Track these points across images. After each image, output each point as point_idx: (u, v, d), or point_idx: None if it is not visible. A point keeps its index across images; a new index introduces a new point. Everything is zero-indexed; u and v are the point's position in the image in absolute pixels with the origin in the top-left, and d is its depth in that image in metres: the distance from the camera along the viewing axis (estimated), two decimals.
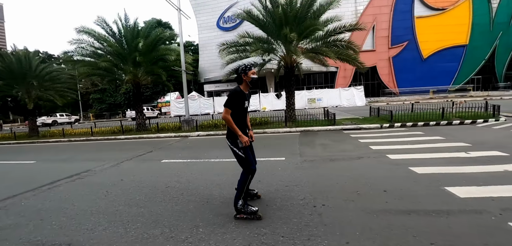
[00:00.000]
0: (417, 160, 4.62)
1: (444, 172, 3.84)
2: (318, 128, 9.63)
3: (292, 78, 11.20)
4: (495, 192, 2.97)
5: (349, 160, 5.00)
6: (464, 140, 6.00)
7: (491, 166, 3.95)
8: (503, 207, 2.60)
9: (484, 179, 3.44)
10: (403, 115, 10.12)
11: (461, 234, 2.18)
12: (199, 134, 11.07)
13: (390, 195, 3.12)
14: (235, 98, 2.66)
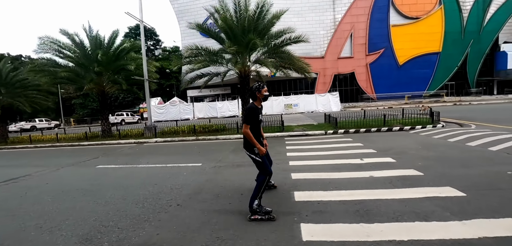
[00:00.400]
0: (310, 166, 5.11)
1: (315, 177, 4.33)
2: (267, 135, 10.09)
3: (247, 87, 11.67)
4: (335, 196, 3.45)
5: (253, 165, 5.47)
6: (377, 147, 6.54)
7: (363, 172, 4.44)
8: (315, 210, 3.07)
9: (341, 184, 3.91)
10: (348, 122, 10.70)
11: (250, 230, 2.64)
12: (157, 140, 11.41)
13: (243, 197, 3.58)
14: (252, 114, 3.00)
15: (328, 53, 33.13)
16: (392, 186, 3.65)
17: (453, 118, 11.96)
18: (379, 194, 3.34)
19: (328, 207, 3.10)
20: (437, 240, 2.22)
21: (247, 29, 10.25)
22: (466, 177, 3.77)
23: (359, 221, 2.68)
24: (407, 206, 2.94)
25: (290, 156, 6.22)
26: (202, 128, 12.04)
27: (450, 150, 5.69)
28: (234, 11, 10.76)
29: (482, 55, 32.70)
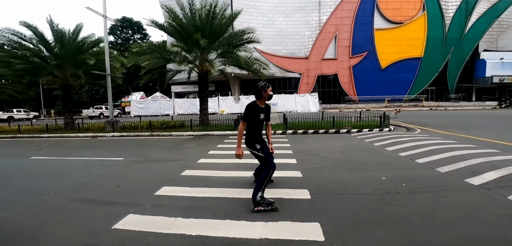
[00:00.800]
0: (214, 164, 5.28)
1: (203, 175, 4.50)
2: (218, 133, 10.25)
3: (204, 85, 11.77)
4: (191, 193, 3.62)
5: (164, 162, 5.62)
6: (299, 148, 6.70)
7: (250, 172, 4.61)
8: (157, 204, 3.23)
9: (214, 182, 4.10)
10: (301, 123, 10.90)
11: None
12: (113, 135, 11.46)
13: (120, 189, 3.76)
14: (249, 112, 3.06)
15: (312, 54, 33.35)
16: (246, 184, 3.81)
17: (411, 123, 12.24)
18: (233, 193, 3.52)
19: (172, 201, 3.28)
20: (224, 238, 2.38)
21: (200, 28, 10.28)
22: (334, 181, 3.96)
23: (179, 214, 2.87)
24: (239, 205, 3.11)
25: (211, 153, 6.38)
26: (160, 124, 12.11)
27: (362, 153, 5.90)
28: (189, 10, 10.79)
29: (462, 62, 33.32)
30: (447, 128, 10.15)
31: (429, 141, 6.74)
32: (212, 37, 10.45)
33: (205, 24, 10.35)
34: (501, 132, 8.48)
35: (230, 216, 2.83)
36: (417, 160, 4.91)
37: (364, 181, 3.84)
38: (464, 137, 7.64)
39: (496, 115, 16.22)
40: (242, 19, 33.06)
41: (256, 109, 3.09)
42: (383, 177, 3.94)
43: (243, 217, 2.81)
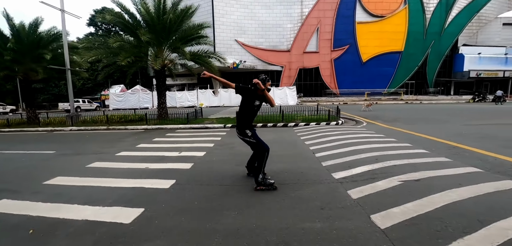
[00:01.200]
0: (124, 157, 5.44)
1: (105, 166, 4.67)
2: (170, 126, 10.37)
3: (161, 79, 11.79)
4: (75, 182, 3.81)
5: (88, 154, 5.78)
6: (225, 142, 6.89)
7: (144, 164, 4.81)
8: (36, 191, 3.41)
9: (103, 172, 4.28)
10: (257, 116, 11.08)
11: None
12: (72, 129, 11.48)
13: (15, 178, 3.98)
14: (244, 89, 3.16)
15: (294, 47, 33.36)
16: (133, 175, 4.02)
17: (371, 117, 12.53)
18: (118, 183, 3.77)
19: (52, 189, 3.58)
20: (74, 220, 2.58)
21: (151, 24, 10.18)
22: (212, 172, 4.16)
23: (49, 200, 3.11)
24: (115, 194, 3.31)
25: (138, 147, 6.55)
26: (119, 118, 12.16)
27: (277, 145, 6.13)
28: (140, 5, 10.66)
29: (442, 56, 33.86)
30: (396, 121, 10.47)
31: (353, 135, 7.03)
32: (163, 33, 10.42)
33: (156, 19, 10.30)
34: (441, 126, 8.85)
35: (95, 203, 3.06)
36: (317, 154, 5.16)
37: (238, 173, 4.08)
38: (400, 130, 7.95)
39: (461, 109, 16.71)
40: (223, 11, 32.94)
41: (252, 92, 3.15)
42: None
43: (104, 203, 3.06)
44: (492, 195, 2.72)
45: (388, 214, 2.46)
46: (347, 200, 2.87)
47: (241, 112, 3.23)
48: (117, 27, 39.44)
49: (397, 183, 3.20)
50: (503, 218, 2.22)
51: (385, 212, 2.50)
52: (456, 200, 2.64)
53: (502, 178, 3.39)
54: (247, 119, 3.24)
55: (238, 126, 3.29)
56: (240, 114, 3.26)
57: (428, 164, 4.07)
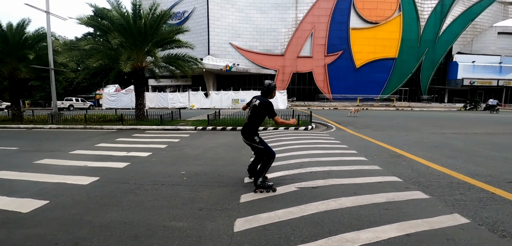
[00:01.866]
0: (76, 155, 5.63)
1: (52, 163, 4.86)
2: (144, 127, 10.56)
3: (139, 81, 12.02)
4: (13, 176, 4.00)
5: (45, 151, 5.99)
6: (184, 144, 7.06)
7: (80, 162, 4.99)
8: None
9: (46, 168, 4.46)
10: (228, 120, 11.26)
11: None
12: (51, 127, 11.74)
13: None
14: (272, 107, 3.31)
15: (288, 51, 33.58)
16: (66, 172, 4.20)
17: (346, 123, 12.62)
18: (53, 179, 3.94)
19: None
20: None
21: (127, 28, 10.41)
22: (142, 173, 4.32)
23: None
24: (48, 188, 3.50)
25: (97, 146, 6.74)
26: (98, 118, 12.40)
27: (221, 149, 6.27)
28: (115, 10, 10.88)
29: (436, 64, 33.81)
30: (367, 128, 10.54)
31: (308, 141, 7.15)
32: (139, 36, 10.66)
33: (132, 23, 10.54)
34: (407, 133, 8.92)
35: (12, 195, 3.27)
36: (249, 158, 5.31)
37: (162, 174, 4.24)
38: (361, 137, 8.04)
39: (446, 117, 16.70)
40: (218, 14, 33.37)
41: (269, 105, 3.29)
42: (183, 172, 4.33)
43: (20, 195, 3.26)
44: (377, 206, 2.78)
45: (254, 218, 2.58)
46: (232, 203, 3.01)
47: (254, 122, 3.31)
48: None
49: (294, 189, 3.32)
50: (356, 230, 2.26)
51: (253, 216, 2.63)
52: (332, 208, 2.72)
53: (413, 188, 3.44)
54: (257, 127, 3.37)
55: (247, 133, 3.36)
56: (252, 124, 3.33)
57: (350, 172, 4.17)
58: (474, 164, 4.92)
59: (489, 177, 4.06)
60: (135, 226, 2.51)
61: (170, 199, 3.16)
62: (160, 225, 2.52)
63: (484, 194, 3.31)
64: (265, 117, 3.33)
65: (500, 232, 2.30)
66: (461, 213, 2.64)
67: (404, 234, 2.15)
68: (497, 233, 2.28)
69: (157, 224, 2.55)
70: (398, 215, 2.56)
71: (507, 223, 2.47)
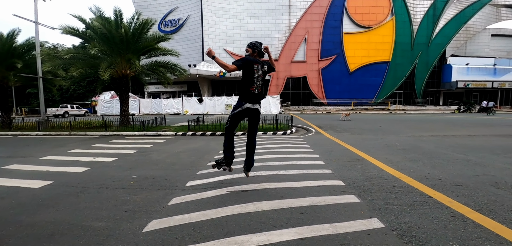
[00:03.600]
0: (44, 160, 5.73)
1: (18, 168, 4.96)
2: (126, 133, 10.68)
3: (123, 87, 12.18)
4: None
5: (13, 158, 6.07)
6: (154, 149, 7.14)
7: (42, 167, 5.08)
8: None
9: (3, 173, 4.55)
10: (209, 125, 11.34)
11: None
12: (37, 134, 11.90)
13: None
14: (243, 60, 3.24)
15: (282, 57, 33.83)
16: (26, 176, 4.28)
17: (320, 126, 12.66)
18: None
19: None
20: None
21: (110, 37, 10.63)
22: (100, 176, 4.42)
23: None
24: None
25: (70, 152, 6.84)
26: (84, 124, 12.55)
27: (185, 154, 6.31)
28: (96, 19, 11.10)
29: (430, 67, 33.88)
30: (345, 132, 10.55)
31: (278, 145, 7.20)
32: (121, 45, 10.84)
33: (115, 32, 10.72)
34: (383, 136, 8.92)
35: None
36: (212, 162, 5.37)
37: (114, 178, 4.33)
38: (334, 141, 8.08)
39: (433, 120, 16.63)
40: (212, 21, 33.77)
41: (249, 61, 3.24)
42: (134, 176, 4.40)
43: None
44: (295, 210, 2.76)
45: (167, 220, 2.65)
46: (158, 206, 3.08)
47: (243, 83, 3.33)
48: None
49: (224, 193, 3.37)
50: (252, 233, 2.30)
51: (167, 218, 2.70)
52: (246, 212, 2.74)
53: (349, 192, 3.42)
54: (243, 90, 3.34)
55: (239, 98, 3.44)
56: (241, 84, 3.37)
57: (295, 176, 4.13)
58: (431, 167, 4.90)
59: (437, 181, 4.01)
60: (57, 225, 2.61)
61: (104, 201, 3.24)
62: (80, 225, 2.61)
63: (420, 198, 3.26)
64: (252, 73, 3.30)
65: (409, 238, 2.27)
66: (381, 218, 2.62)
67: (299, 238, 2.18)
68: (405, 238, 2.25)
69: (78, 223, 2.64)
70: (308, 219, 2.58)
71: (423, 228, 2.42)
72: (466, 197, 3.25)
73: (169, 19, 35.03)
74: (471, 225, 2.51)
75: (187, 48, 34.54)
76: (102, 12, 10.85)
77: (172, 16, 34.83)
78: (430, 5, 32.86)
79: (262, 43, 3.56)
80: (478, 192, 3.42)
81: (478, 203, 3.03)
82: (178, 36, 35.18)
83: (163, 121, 13.26)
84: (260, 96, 3.45)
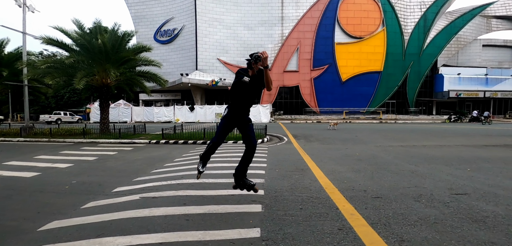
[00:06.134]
0: (4, 165, 5.92)
1: None
2: (103, 141, 10.87)
3: (103, 96, 12.45)
4: None
5: None
6: (115, 157, 7.31)
7: None
8: None
9: None
10: (178, 134, 11.53)
11: None
12: (19, 140, 12.16)
13: None
14: (236, 82, 2.85)
15: (274, 66, 34.25)
16: None
17: (295, 135, 12.78)
18: None
19: None
20: None
21: (90, 48, 11.00)
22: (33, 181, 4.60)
23: None
24: None
25: (35, 158, 7.02)
26: (65, 131, 12.79)
27: (105, 161, 6.50)
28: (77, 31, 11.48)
29: (421, 77, 34.07)
30: (320, 141, 10.68)
31: (233, 154, 7.32)
32: (101, 55, 11.19)
33: (94, 42, 11.08)
34: (352, 146, 9.03)
35: None
36: (156, 169, 5.51)
37: (55, 183, 4.52)
38: (297, 150, 8.21)
39: (420, 129, 16.62)
40: (206, 32, 34.44)
41: (241, 80, 2.83)
42: (74, 181, 4.59)
43: None
44: (176, 217, 2.88)
45: (66, 221, 2.81)
46: (72, 208, 3.25)
47: (233, 96, 2.97)
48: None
49: (136, 198, 3.51)
50: (114, 236, 2.45)
51: (68, 219, 2.86)
52: (137, 216, 2.86)
53: (258, 202, 3.37)
54: (234, 102, 2.95)
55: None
56: (232, 98, 3.00)
57: (216, 184, 4.23)
58: (369, 178, 4.84)
59: (361, 192, 3.93)
60: None
61: (29, 204, 3.47)
62: None
63: (324, 209, 3.22)
64: (245, 89, 2.90)
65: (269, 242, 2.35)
66: (265, 229, 2.61)
67: (158, 242, 2.31)
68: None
69: None
70: (190, 225, 2.64)
71: (298, 240, 2.38)
72: (373, 210, 3.21)
73: (164, 29, 35.83)
74: (350, 238, 2.48)
75: (182, 57, 35.19)
76: (82, 24, 11.27)
77: (168, 26, 35.62)
78: (421, 16, 33.36)
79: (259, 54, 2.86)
80: (391, 205, 3.35)
81: (379, 217, 2.98)
82: (173, 45, 35.97)
83: (143, 129, 13.46)
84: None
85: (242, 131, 3.11)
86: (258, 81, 2.92)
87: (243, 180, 3.13)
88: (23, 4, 13.23)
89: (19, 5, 12.97)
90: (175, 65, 34.95)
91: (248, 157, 3.09)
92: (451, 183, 4.46)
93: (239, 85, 2.87)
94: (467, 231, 2.62)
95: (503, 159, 6.73)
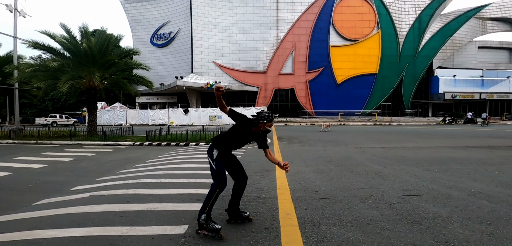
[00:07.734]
0: None
1: None
2: (88, 142, 11.01)
3: (90, 99, 12.63)
4: None
5: None
6: (93, 158, 7.44)
7: None
8: None
9: None
10: (162, 136, 11.64)
11: None
12: (7, 142, 12.34)
13: None
14: (242, 118, 2.65)
15: (270, 69, 34.43)
16: None
17: (280, 136, 12.87)
18: None
19: None
20: None
21: (77, 52, 11.22)
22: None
23: None
24: None
25: (16, 159, 7.16)
26: (53, 134, 12.97)
27: (81, 163, 6.60)
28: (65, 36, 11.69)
29: (417, 79, 34.05)
30: (302, 143, 10.75)
31: (200, 156, 7.42)
32: (87, 59, 11.39)
33: (80, 46, 11.28)
34: (332, 148, 9.07)
35: None
36: (123, 170, 5.61)
37: (25, 182, 4.65)
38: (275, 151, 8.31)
39: (411, 131, 16.62)
40: (202, 35, 34.71)
41: (248, 125, 2.67)
42: (39, 180, 4.72)
43: None
44: (111, 214, 2.98)
45: (13, 215, 2.97)
46: (25, 204, 3.40)
47: (227, 133, 2.77)
48: None
49: (86, 196, 3.64)
50: (50, 229, 2.56)
51: (16, 214, 3.02)
52: (77, 212, 3.03)
53: (202, 201, 3.32)
54: (226, 142, 2.72)
55: (213, 145, 2.73)
56: (224, 134, 2.78)
57: (176, 184, 4.31)
58: (329, 179, 4.80)
59: (312, 193, 3.93)
60: None
61: None
62: None
63: (261, 209, 3.23)
64: (242, 139, 2.77)
65: (196, 242, 2.40)
66: (195, 227, 2.65)
67: (81, 235, 2.43)
68: (191, 243, 2.38)
69: None
70: (123, 221, 2.77)
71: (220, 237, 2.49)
72: (312, 210, 3.23)
73: (161, 33, 36.18)
74: (271, 238, 2.50)
75: (178, 60, 35.49)
76: (69, 28, 11.49)
77: (164, 30, 35.97)
78: (416, 18, 33.44)
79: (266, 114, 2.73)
80: (334, 206, 3.36)
81: (313, 217, 2.99)
82: (169, 49, 36.29)
83: (131, 131, 13.60)
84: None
85: (234, 167, 2.89)
86: (255, 135, 2.81)
87: (237, 213, 2.91)
88: (14, 9, 13.51)
89: (10, 10, 13.25)
90: (171, 68, 35.23)
91: (241, 190, 2.89)
92: (408, 184, 4.46)
93: (243, 130, 2.72)
94: (397, 232, 2.60)
95: (478, 160, 6.71)
